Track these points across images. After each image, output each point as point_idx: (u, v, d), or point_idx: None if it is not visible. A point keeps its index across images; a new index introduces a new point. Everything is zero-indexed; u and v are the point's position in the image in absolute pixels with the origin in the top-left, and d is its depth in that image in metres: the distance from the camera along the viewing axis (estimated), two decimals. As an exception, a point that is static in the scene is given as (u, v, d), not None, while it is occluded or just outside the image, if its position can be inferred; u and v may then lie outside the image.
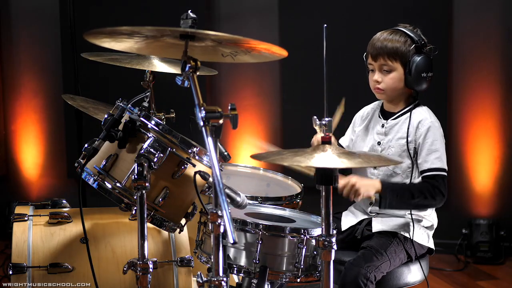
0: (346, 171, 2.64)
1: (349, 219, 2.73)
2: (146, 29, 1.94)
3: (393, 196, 2.50)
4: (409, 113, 2.64)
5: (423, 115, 2.62)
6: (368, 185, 2.49)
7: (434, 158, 2.54)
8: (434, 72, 2.62)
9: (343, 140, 2.85)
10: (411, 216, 2.59)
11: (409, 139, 2.59)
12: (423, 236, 2.62)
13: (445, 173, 2.55)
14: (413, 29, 2.64)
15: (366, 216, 2.69)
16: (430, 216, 2.66)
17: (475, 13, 4.55)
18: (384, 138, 2.67)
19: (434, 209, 2.68)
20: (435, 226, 2.69)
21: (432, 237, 2.69)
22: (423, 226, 2.64)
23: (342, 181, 2.47)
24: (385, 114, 2.72)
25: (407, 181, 2.59)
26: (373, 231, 2.61)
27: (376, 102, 2.79)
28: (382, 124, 2.69)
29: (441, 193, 2.52)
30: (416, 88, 2.61)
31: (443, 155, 2.57)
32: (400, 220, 2.61)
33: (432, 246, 2.68)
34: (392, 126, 2.66)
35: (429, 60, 2.60)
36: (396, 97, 2.66)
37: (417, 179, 2.60)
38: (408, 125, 2.60)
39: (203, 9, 4.70)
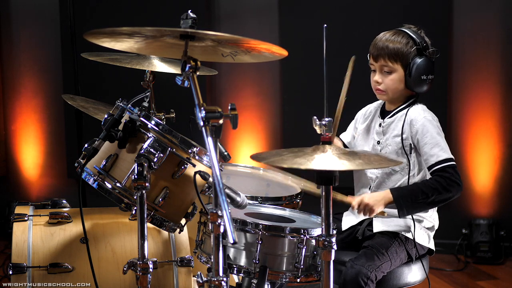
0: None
1: (350, 219, 2.73)
2: (146, 29, 1.94)
3: (408, 202, 2.49)
4: (404, 110, 2.64)
5: (417, 112, 2.61)
6: (380, 200, 2.50)
7: (439, 150, 2.53)
8: (433, 72, 2.62)
9: (345, 136, 2.86)
10: (412, 217, 2.58)
11: (404, 136, 2.60)
12: (423, 237, 2.62)
13: (453, 162, 2.53)
14: (417, 31, 2.63)
15: (367, 216, 2.69)
16: (431, 217, 2.66)
17: (475, 13, 4.55)
18: (383, 137, 2.68)
19: (435, 209, 2.68)
20: (436, 227, 2.69)
21: (433, 237, 2.69)
22: (424, 227, 2.64)
23: (354, 202, 2.53)
24: (384, 114, 2.72)
25: (406, 178, 2.59)
26: (374, 231, 2.61)
27: (379, 101, 2.80)
28: (380, 123, 2.70)
29: (456, 183, 2.49)
30: (416, 90, 2.61)
31: (446, 146, 2.56)
32: (401, 221, 2.61)
33: (432, 247, 2.67)
34: (389, 124, 2.67)
35: (431, 62, 2.59)
36: (396, 98, 2.67)
37: (416, 176, 2.60)
38: (403, 123, 2.60)
39: (203, 9, 4.70)
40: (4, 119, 5.11)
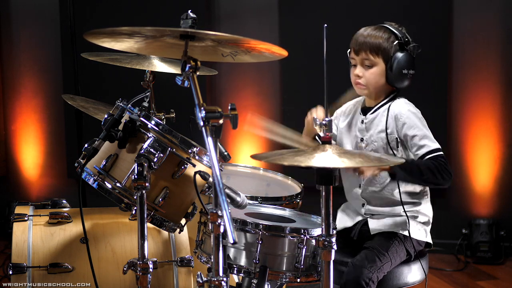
0: None
1: (344, 220, 2.73)
2: (146, 29, 1.94)
3: (403, 172, 2.48)
4: (386, 105, 2.63)
5: (400, 106, 2.61)
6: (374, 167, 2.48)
7: (428, 141, 2.54)
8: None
9: None
10: (406, 214, 2.57)
11: (388, 131, 2.59)
12: (420, 232, 2.63)
13: (442, 153, 2.54)
14: (398, 27, 2.64)
15: (360, 218, 2.69)
16: (425, 210, 2.66)
17: (475, 13, 4.55)
18: (366, 134, 2.67)
19: (428, 203, 2.68)
20: (431, 221, 2.69)
21: (430, 232, 2.68)
22: (420, 222, 2.64)
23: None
24: (365, 110, 2.71)
25: None
26: (371, 233, 2.61)
27: (358, 99, 2.78)
28: (362, 120, 2.69)
29: (448, 172, 2.50)
30: (396, 85, 2.61)
31: (432, 137, 2.57)
32: (396, 219, 2.61)
33: (430, 240, 2.67)
34: (372, 120, 2.66)
35: (412, 57, 2.60)
36: (377, 93, 2.66)
37: None
38: (387, 117, 2.60)
39: (203, 9, 4.70)
40: (4, 119, 5.11)
